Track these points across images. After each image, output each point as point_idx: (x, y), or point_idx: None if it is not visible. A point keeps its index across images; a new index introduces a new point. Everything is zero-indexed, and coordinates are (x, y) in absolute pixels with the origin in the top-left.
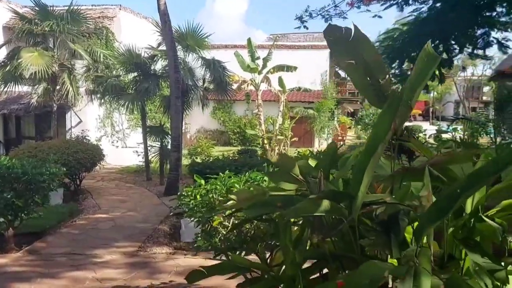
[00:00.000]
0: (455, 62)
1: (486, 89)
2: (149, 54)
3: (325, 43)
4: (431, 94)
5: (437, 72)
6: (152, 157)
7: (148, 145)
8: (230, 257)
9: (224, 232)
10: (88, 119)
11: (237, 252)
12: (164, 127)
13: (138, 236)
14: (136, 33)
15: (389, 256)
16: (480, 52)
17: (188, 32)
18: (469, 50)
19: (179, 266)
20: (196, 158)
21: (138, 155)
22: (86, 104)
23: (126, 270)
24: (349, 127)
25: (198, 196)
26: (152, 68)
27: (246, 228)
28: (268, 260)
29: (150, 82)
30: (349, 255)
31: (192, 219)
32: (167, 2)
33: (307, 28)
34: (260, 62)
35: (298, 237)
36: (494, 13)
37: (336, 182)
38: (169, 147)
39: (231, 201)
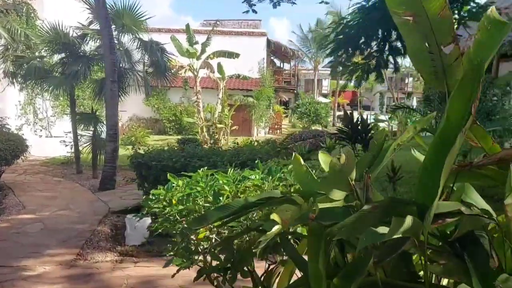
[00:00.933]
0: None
1: (408, 80)
2: (79, 34)
3: (262, 30)
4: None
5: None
6: (83, 147)
7: (78, 134)
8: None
9: (207, 247)
10: (7, 105)
11: (228, 274)
12: (97, 114)
13: (75, 240)
14: (63, 10)
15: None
16: None
17: (124, 10)
18: None
19: (130, 278)
20: (139, 148)
21: (66, 146)
22: (4, 89)
23: (65, 285)
24: (286, 116)
25: (174, 201)
26: (82, 49)
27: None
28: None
29: (81, 64)
30: (409, 285)
31: (156, 225)
32: None
33: (256, 12)
34: (198, 47)
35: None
36: None
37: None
38: (102, 136)
39: (277, 226)
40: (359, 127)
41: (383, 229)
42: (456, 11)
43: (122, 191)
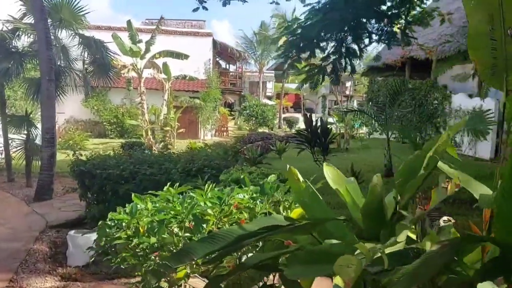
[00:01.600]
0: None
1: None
2: (9, 28)
3: (208, 30)
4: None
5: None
6: (15, 152)
7: (8, 138)
8: None
9: None
10: None
11: None
12: (30, 117)
13: (7, 262)
14: None
15: None
16: (386, 43)
17: (62, 3)
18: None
19: None
20: (81, 155)
21: None
22: None
23: None
24: (232, 118)
25: (141, 230)
26: (14, 44)
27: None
28: None
29: (12, 61)
30: None
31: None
32: None
33: (207, 9)
34: (142, 46)
35: None
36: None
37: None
38: (37, 141)
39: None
40: (319, 131)
41: None
42: (403, 16)
43: (61, 202)
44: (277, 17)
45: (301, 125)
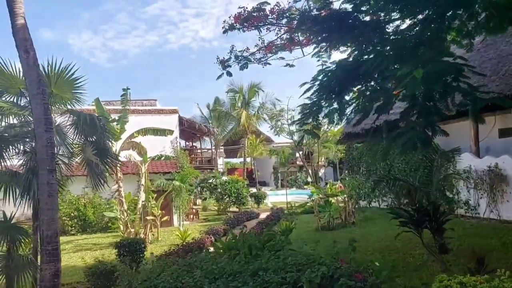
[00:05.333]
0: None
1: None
2: None
3: (172, 107)
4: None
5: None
6: None
7: None
8: None
9: None
10: None
11: None
12: (15, 222)
13: None
14: None
15: None
16: None
17: (55, 73)
18: None
19: None
20: None
21: None
22: None
23: None
24: (204, 198)
25: None
26: None
27: None
28: None
29: None
30: None
31: None
32: None
33: (231, 75)
34: (114, 126)
35: None
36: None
37: None
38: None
39: None
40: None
41: None
42: None
43: None
44: (232, 91)
45: (270, 199)
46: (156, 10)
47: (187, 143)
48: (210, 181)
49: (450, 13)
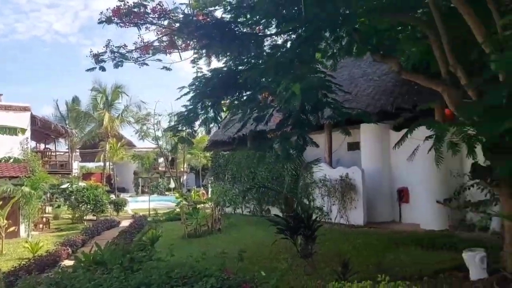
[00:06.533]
0: None
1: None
2: None
3: (24, 104)
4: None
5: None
6: None
7: None
8: None
9: None
10: None
11: None
12: None
13: None
14: None
15: None
16: None
17: None
18: None
19: None
20: None
21: None
22: None
23: None
24: (58, 206)
25: None
26: None
27: None
28: None
29: None
30: None
31: None
32: None
33: (105, 70)
34: None
35: None
36: None
37: None
38: None
39: None
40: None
41: None
42: None
43: None
44: (96, 90)
45: (131, 206)
46: None
47: (38, 145)
48: (64, 186)
49: (317, 34)
